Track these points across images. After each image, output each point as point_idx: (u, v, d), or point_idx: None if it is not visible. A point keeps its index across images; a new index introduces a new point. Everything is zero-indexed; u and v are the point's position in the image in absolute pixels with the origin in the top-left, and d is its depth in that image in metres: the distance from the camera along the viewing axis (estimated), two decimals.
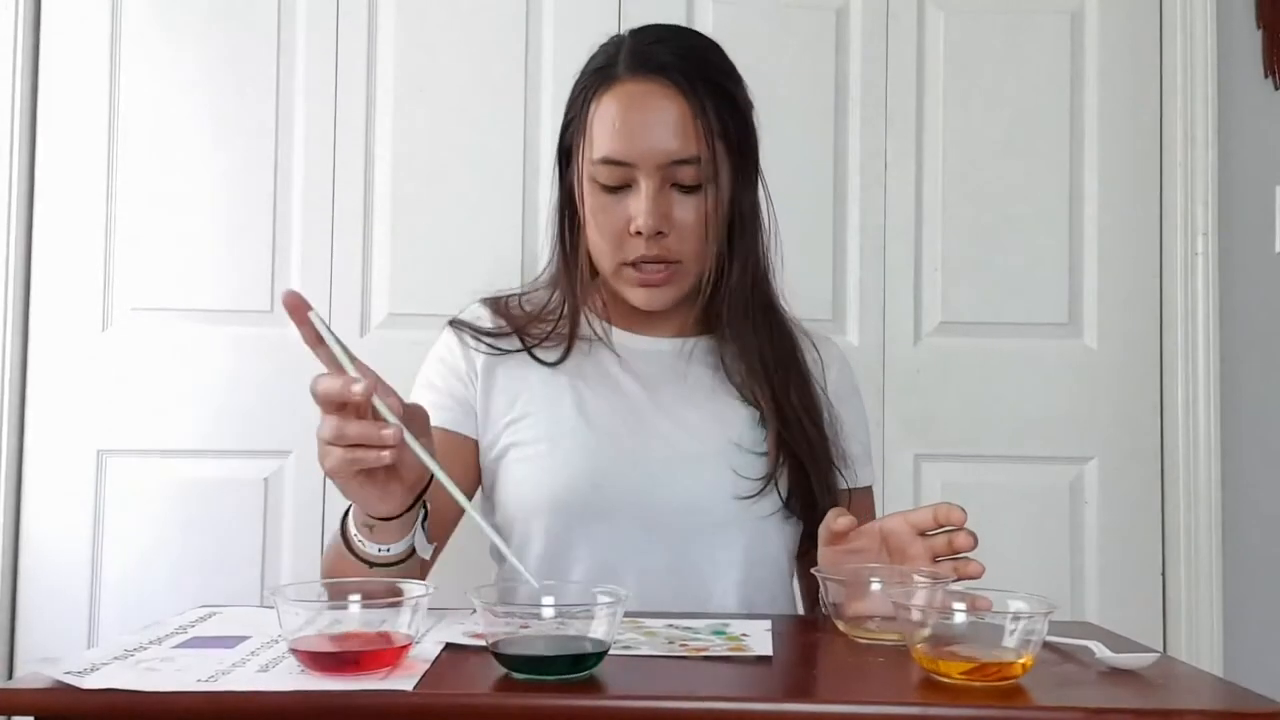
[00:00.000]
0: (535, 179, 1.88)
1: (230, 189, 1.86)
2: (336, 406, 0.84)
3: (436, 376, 1.21)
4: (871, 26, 1.94)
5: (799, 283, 1.27)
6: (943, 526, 0.98)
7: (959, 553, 0.97)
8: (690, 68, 1.12)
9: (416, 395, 1.19)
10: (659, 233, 1.10)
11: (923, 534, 0.99)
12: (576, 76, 1.18)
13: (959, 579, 0.95)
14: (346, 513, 0.99)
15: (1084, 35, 1.96)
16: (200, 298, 1.85)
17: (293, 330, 0.87)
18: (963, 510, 0.97)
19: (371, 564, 0.97)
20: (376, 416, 0.85)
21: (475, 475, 1.20)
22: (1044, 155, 1.94)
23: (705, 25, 1.91)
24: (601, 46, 1.18)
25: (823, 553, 1.04)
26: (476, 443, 1.19)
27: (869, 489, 1.27)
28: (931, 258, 1.93)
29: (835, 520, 1.01)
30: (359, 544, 0.97)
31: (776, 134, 1.89)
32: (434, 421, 1.14)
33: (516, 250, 1.87)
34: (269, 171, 1.86)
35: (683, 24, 1.86)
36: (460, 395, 1.19)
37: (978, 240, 1.93)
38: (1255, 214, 1.93)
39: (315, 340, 0.86)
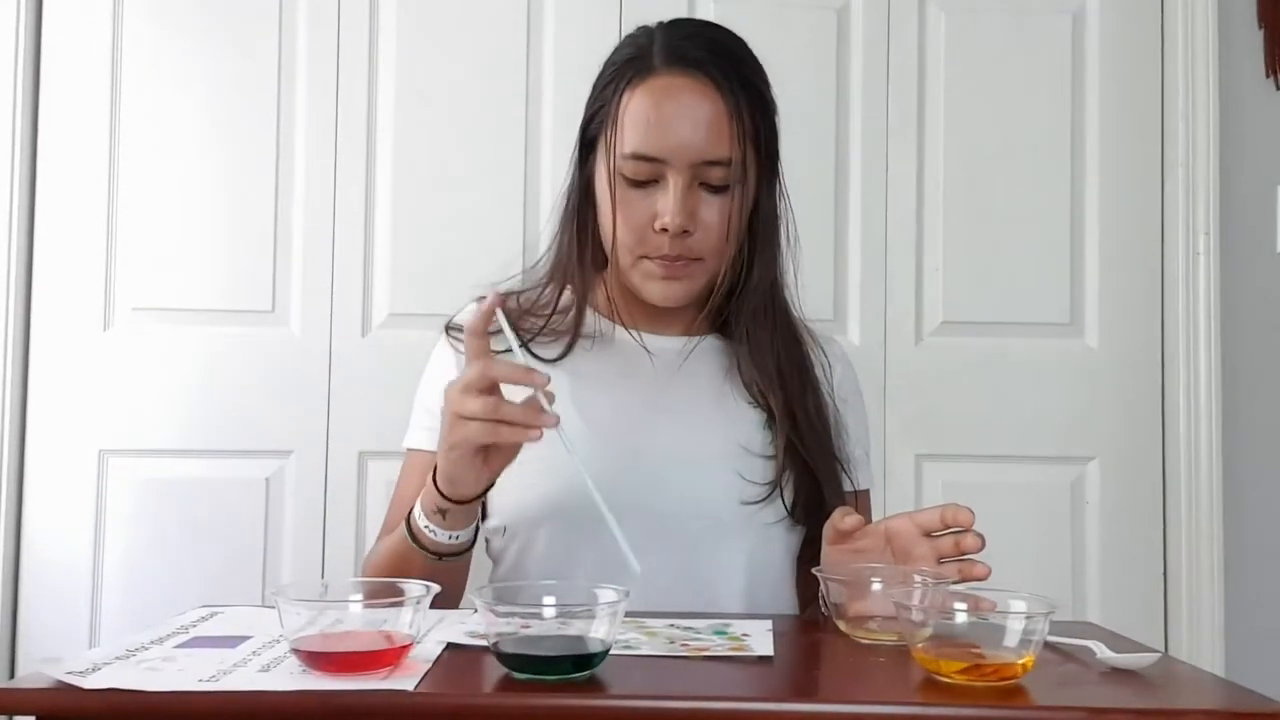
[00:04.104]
0: (536, 179, 1.88)
1: (232, 189, 1.86)
2: (490, 389, 0.92)
3: (435, 402, 1.17)
4: (872, 26, 1.94)
5: (800, 282, 1.27)
6: (950, 528, 0.97)
7: (965, 554, 0.97)
8: (726, 65, 1.10)
9: (416, 419, 1.20)
10: (684, 231, 1.09)
11: (928, 535, 0.98)
12: (602, 67, 1.16)
13: (964, 581, 0.95)
14: (408, 520, 1.04)
15: (1085, 35, 1.96)
16: (202, 298, 1.85)
17: (293, 330, 0.87)
18: (970, 511, 0.96)
19: (441, 555, 1.02)
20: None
21: None
22: (1045, 155, 1.94)
23: None
24: (629, 37, 1.15)
25: (827, 552, 1.04)
26: None
27: (867, 493, 1.27)
28: (933, 257, 1.93)
29: (842, 519, 1.01)
30: (430, 535, 1.01)
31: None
32: (425, 444, 1.16)
33: (518, 250, 1.87)
34: (270, 172, 1.86)
35: None
36: None
37: (979, 240, 1.93)
38: (1256, 213, 1.93)
39: (481, 331, 0.95)
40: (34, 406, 1.83)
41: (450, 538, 1.01)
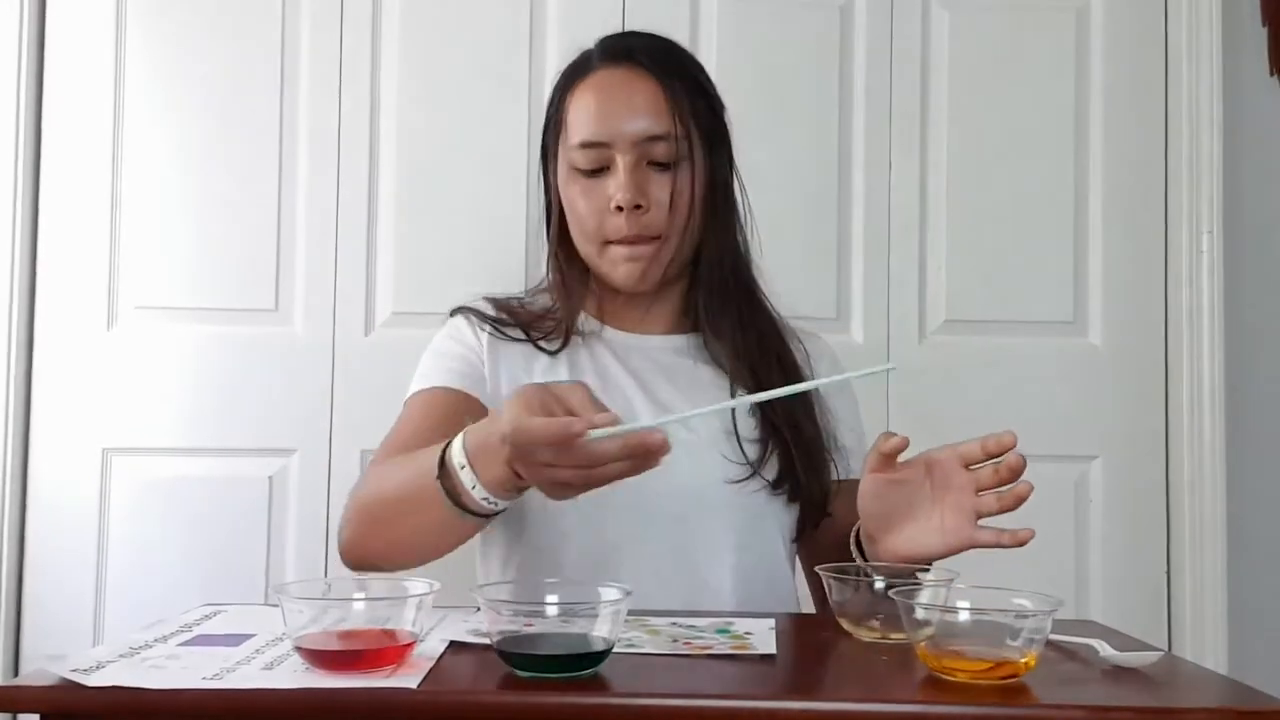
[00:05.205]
0: (539, 177, 1.88)
1: (235, 187, 1.86)
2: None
3: (448, 346, 1.22)
4: (876, 24, 1.94)
5: (803, 281, 1.29)
6: (993, 457, 0.99)
7: (1006, 481, 0.98)
8: (660, 54, 1.19)
9: (426, 364, 1.21)
10: (637, 206, 1.14)
11: (968, 466, 0.99)
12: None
13: (1003, 510, 0.97)
14: (442, 460, 0.92)
15: (1089, 32, 1.95)
16: (205, 296, 1.85)
17: (296, 329, 0.87)
18: (1013, 434, 0.98)
19: (478, 514, 0.93)
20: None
21: None
22: (1049, 153, 1.94)
23: (709, 23, 1.91)
24: (576, 55, 1.23)
25: (867, 480, 1.04)
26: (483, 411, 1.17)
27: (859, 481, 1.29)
28: (936, 255, 1.93)
29: (885, 442, 1.01)
30: (483, 501, 0.90)
31: (781, 131, 1.91)
32: (449, 384, 1.17)
33: (520, 248, 1.87)
34: (274, 170, 1.86)
35: (686, 22, 1.89)
36: (473, 362, 1.20)
37: (982, 238, 1.93)
38: (1260, 211, 1.93)
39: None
40: (38, 405, 1.83)
41: (501, 505, 0.93)
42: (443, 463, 0.92)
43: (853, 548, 1.07)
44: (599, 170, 1.16)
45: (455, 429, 0.94)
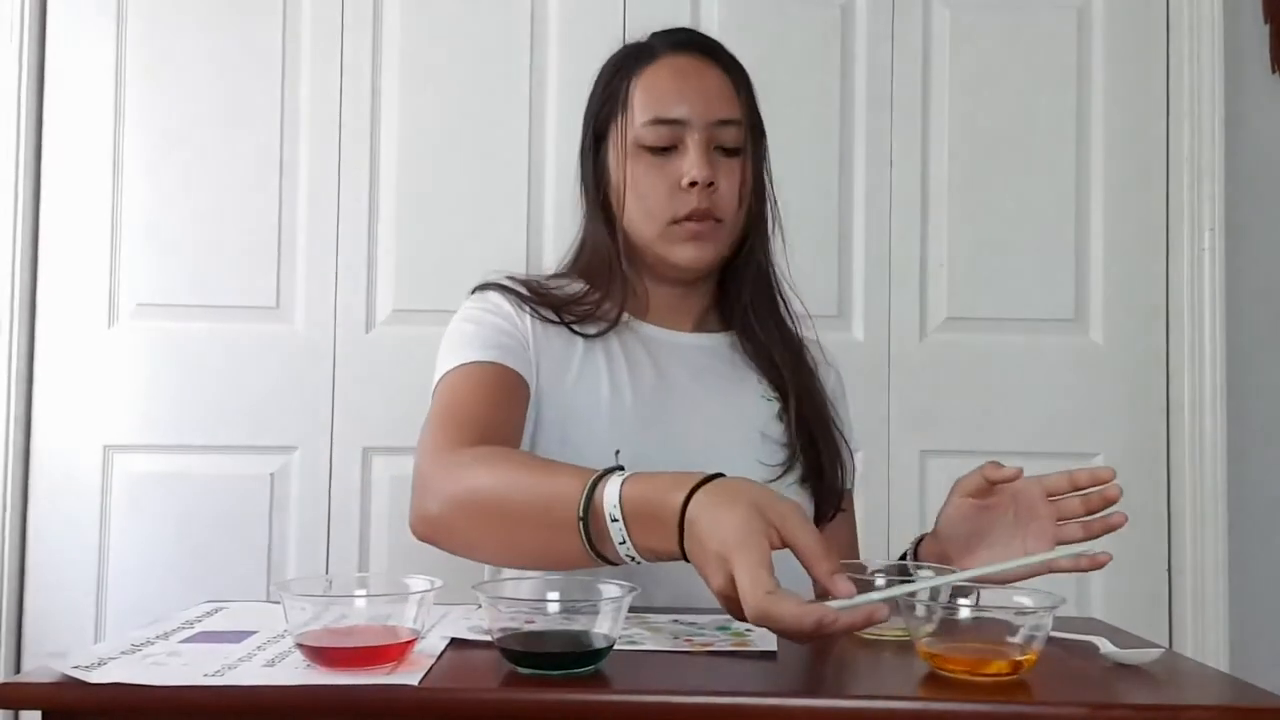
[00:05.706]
0: (540, 175, 1.88)
1: (236, 185, 1.86)
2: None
3: (490, 320, 1.16)
4: (877, 22, 1.94)
5: (804, 279, 1.28)
6: (1079, 489, 1.03)
7: (1096, 509, 1.03)
8: (719, 50, 1.22)
9: (467, 332, 1.15)
10: (710, 184, 1.14)
11: (1051, 497, 1.03)
12: (599, 73, 1.22)
13: (1090, 536, 1.03)
14: (591, 493, 0.86)
15: (1090, 30, 1.95)
16: (206, 294, 1.85)
17: (297, 327, 0.87)
18: (1111, 470, 1.03)
19: (608, 563, 0.89)
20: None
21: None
22: (1050, 151, 1.94)
23: (711, 20, 1.91)
24: (626, 45, 1.23)
25: (959, 502, 1.06)
26: (529, 394, 1.13)
27: (850, 492, 1.30)
28: (937, 253, 1.93)
29: (995, 471, 1.03)
30: (627, 559, 0.87)
31: (782, 129, 1.88)
32: (504, 361, 1.11)
33: (522, 246, 1.87)
34: (275, 167, 1.86)
35: (688, 18, 1.88)
36: (522, 343, 1.15)
37: (983, 235, 1.93)
38: (1262, 209, 1.92)
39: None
40: (39, 402, 1.83)
41: (638, 562, 0.88)
42: (588, 497, 0.86)
43: (910, 559, 1.09)
44: (666, 149, 1.15)
45: (513, 412, 1.01)
